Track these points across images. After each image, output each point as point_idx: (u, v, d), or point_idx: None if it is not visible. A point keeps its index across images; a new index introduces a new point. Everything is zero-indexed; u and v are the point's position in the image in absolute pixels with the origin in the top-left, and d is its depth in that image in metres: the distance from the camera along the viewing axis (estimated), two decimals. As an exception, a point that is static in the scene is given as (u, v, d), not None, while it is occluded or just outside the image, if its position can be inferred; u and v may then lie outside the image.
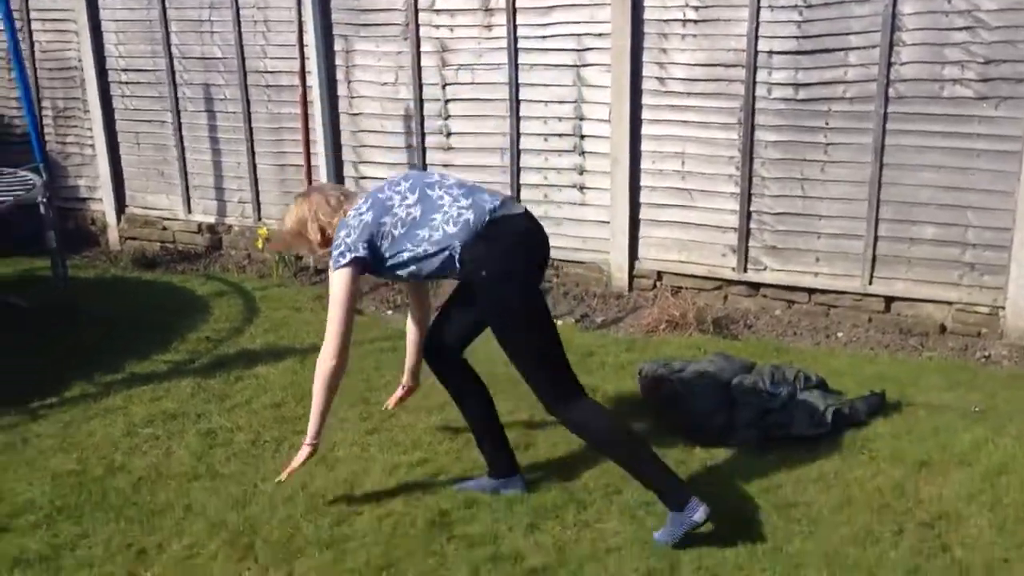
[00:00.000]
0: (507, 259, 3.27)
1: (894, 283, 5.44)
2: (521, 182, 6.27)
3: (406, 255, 3.28)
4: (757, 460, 3.83)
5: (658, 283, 6.05)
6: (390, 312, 5.97)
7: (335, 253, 3.30)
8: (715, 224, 5.81)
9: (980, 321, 5.27)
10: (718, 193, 5.76)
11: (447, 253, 3.25)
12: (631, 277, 6.10)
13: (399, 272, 3.35)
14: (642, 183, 5.93)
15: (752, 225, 5.71)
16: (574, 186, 6.11)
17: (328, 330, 3.29)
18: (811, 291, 5.65)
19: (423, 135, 6.49)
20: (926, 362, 4.97)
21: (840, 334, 5.45)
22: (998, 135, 5.04)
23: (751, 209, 5.69)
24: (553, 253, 6.14)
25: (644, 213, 5.99)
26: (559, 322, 5.63)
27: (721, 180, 5.73)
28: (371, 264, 3.31)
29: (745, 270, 5.79)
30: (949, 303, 5.32)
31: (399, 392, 4.05)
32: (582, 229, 6.18)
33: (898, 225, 5.36)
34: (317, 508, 3.53)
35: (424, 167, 6.51)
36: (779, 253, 5.69)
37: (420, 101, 6.43)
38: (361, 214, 3.32)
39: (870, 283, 5.48)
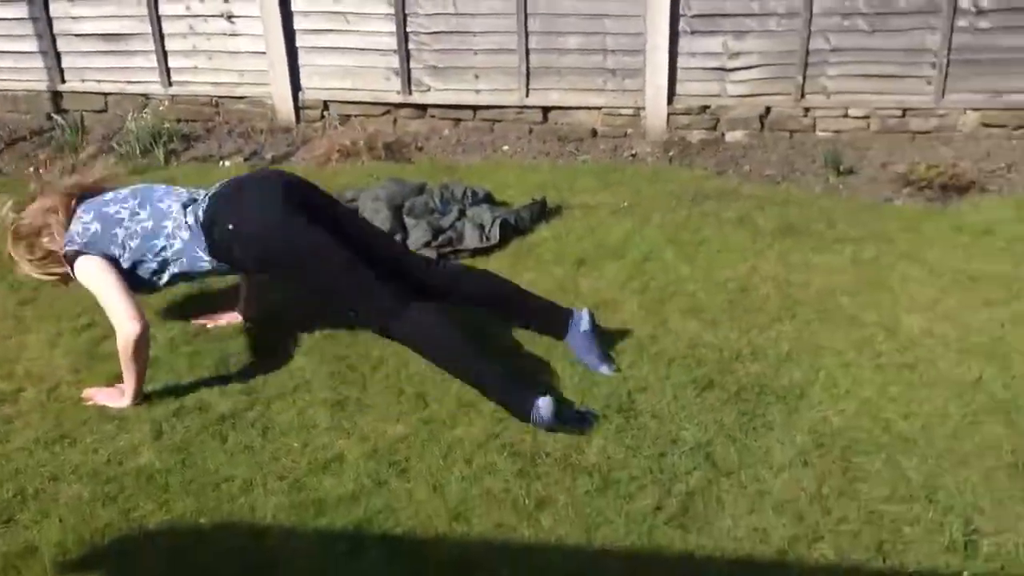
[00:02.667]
0: (255, 214, 3.10)
1: (548, 94, 5.70)
2: (161, 14, 5.75)
3: (153, 265, 3.18)
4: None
5: (326, 113, 5.91)
6: (31, 169, 5.39)
7: (69, 252, 3.14)
8: (375, 47, 5.71)
9: (625, 123, 5.69)
10: (373, 15, 5.63)
11: (193, 253, 3.14)
12: (297, 109, 5.91)
13: (156, 279, 3.21)
14: (294, 8, 5.66)
15: (411, 46, 5.68)
16: (222, 15, 5.71)
17: (108, 311, 3.08)
18: (475, 108, 5.79)
19: (38, -34, 5.72)
20: (581, 166, 5.32)
21: (505, 147, 5.67)
22: (629, -58, 5.29)
23: (407, 30, 5.63)
24: (210, 90, 5.95)
25: (301, 40, 5.75)
26: (227, 163, 5.39)
27: (375, 0, 5.59)
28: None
29: (410, 92, 5.80)
30: (598, 108, 5.68)
31: (227, 316, 3.69)
32: (237, 62, 5.84)
33: (546, 37, 5.55)
34: (-28, 393, 3.23)
35: (46, 4, 5.78)
36: (440, 73, 5.73)
37: (27, -75, 5.62)
38: (87, 225, 3.16)
39: (527, 95, 5.70)
